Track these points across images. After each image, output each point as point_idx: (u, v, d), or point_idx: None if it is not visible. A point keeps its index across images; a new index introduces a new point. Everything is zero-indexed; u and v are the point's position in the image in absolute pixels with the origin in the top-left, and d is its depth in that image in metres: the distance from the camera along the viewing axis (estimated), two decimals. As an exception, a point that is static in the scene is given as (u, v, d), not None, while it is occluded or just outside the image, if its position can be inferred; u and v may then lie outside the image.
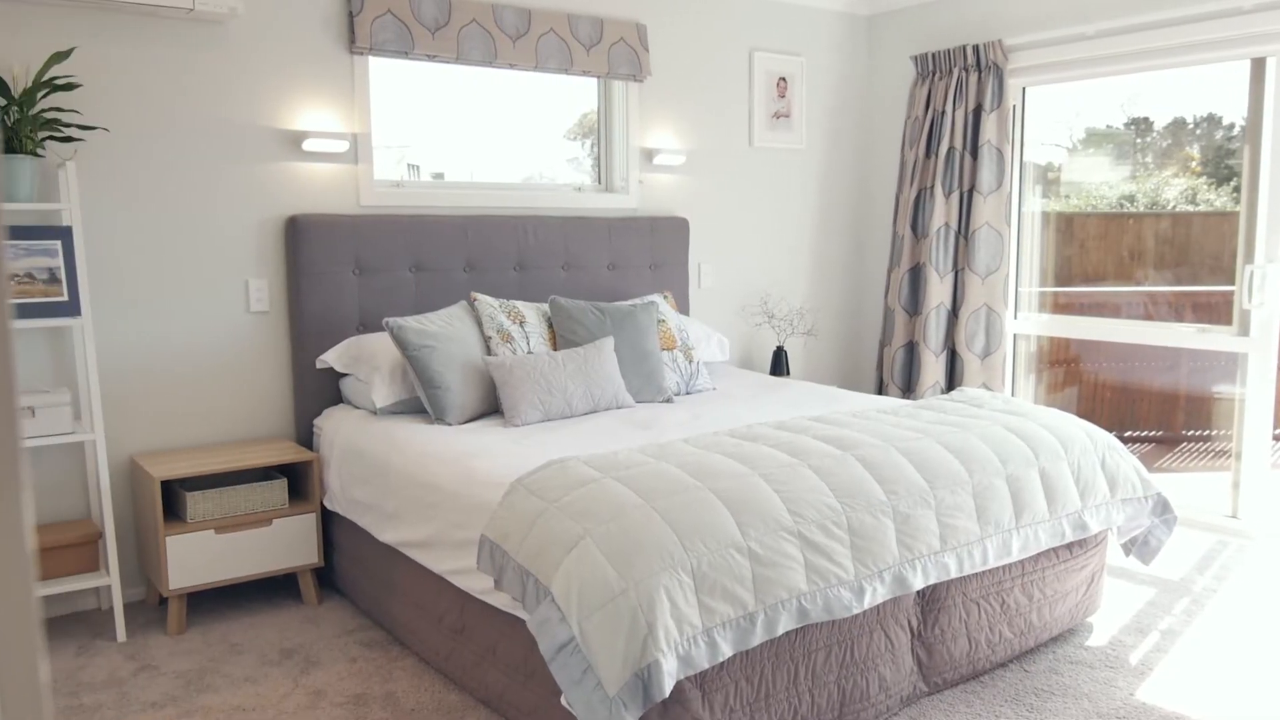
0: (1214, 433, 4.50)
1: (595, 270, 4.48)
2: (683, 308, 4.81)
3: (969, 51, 4.84)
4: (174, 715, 2.74)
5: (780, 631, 2.30)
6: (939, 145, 4.97)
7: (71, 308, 3.14)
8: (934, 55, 5.00)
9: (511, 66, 4.20)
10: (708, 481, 2.43)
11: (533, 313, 3.87)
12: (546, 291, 4.33)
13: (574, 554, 2.20)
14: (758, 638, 2.26)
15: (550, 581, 2.21)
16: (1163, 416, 4.76)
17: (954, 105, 4.91)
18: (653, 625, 2.07)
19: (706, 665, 2.17)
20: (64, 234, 3.13)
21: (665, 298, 4.47)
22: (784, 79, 5.19)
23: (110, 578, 3.24)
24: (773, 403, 3.77)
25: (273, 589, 3.72)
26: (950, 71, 4.94)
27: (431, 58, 4.00)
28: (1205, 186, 4.50)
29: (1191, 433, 4.63)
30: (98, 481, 3.35)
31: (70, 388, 3.41)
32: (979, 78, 4.85)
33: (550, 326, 3.88)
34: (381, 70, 4.02)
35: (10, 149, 3.07)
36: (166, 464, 3.37)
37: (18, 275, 3.07)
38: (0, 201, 2.81)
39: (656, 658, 2.05)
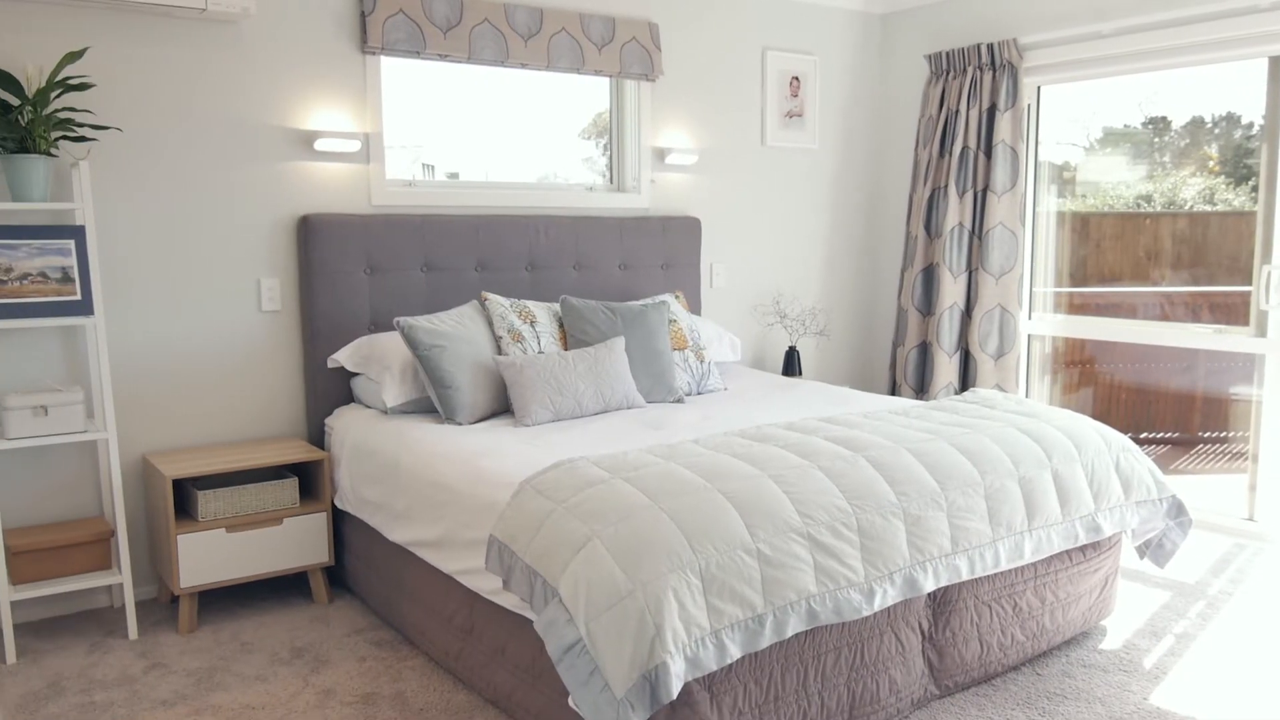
0: (1231, 434, 4.46)
1: (607, 270, 4.48)
2: (695, 308, 4.80)
3: (983, 50, 4.81)
4: (185, 713, 2.75)
5: (789, 634, 2.29)
6: (953, 144, 4.95)
7: (84, 307, 3.15)
8: (948, 54, 4.98)
9: (523, 66, 4.20)
10: (717, 483, 2.42)
11: (544, 312, 3.87)
12: (558, 291, 4.33)
13: (582, 555, 2.20)
14: (766, 640, 2.25)
15: (558, 582, 2.21)
16: (1179, 418, 4.71)
17: (968, 104, 4.88)
18: (660, 627, 2.06)
19: (715, 667, 2.16)
20: (77, 233, 3.14)
21: (677, 297, 4.46)
22: (797, 78, 5.17)
23: (122, 576, 3.25)
24: (784, 403, 3.75)
25: (283, 588, 3.73)
26: (964, 70, 4.91)
27: (443, 57, 4.00)
28: (1223, 186, 4.46)
29: (1208, 434, 4.59)
30: (110, 480, 3.36)
31: (83, 386, 3.42)
32: (993, 76, 4.82)
33: (561, 326, 3.87)
34: (397, 70, 4.02)
35: (24, 148, 3.08)
36: (178, 463, 3.38)
37: (31, 274, 3.08)
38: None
39: (664, 659, 2.04)
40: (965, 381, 5.06)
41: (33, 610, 3.44)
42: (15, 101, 3.15)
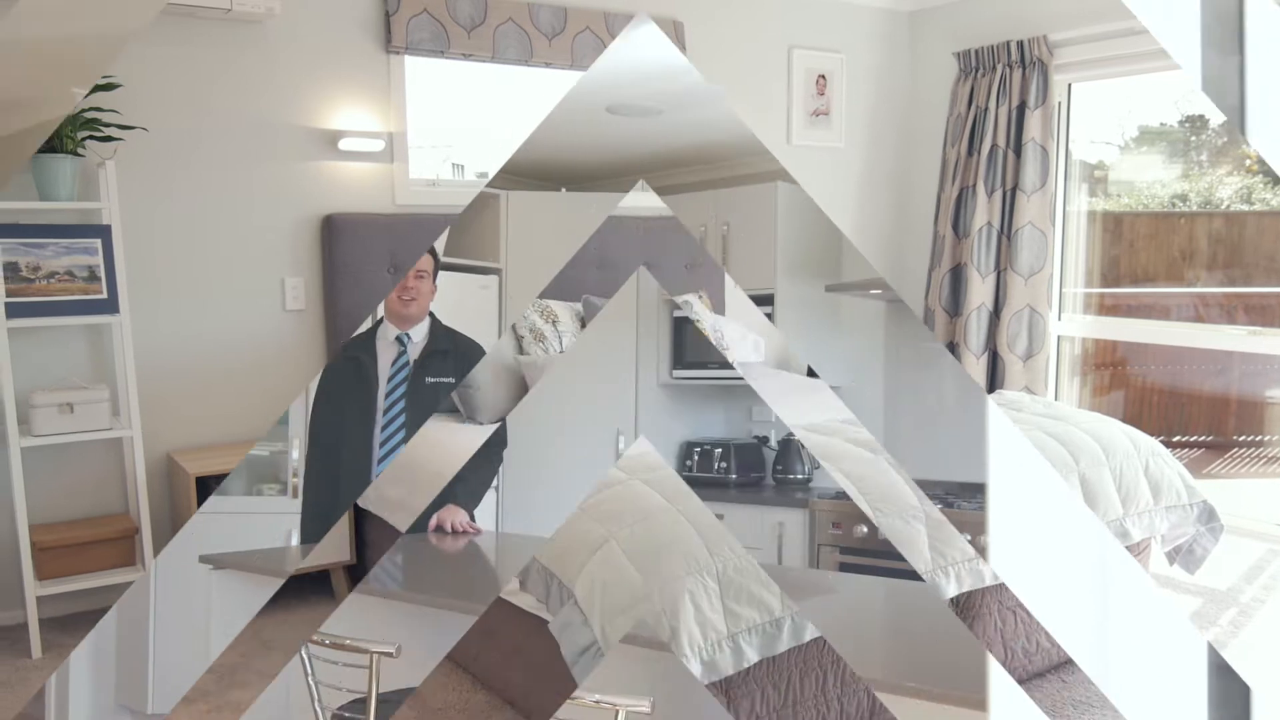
0: (1266, 438, 4.38)
1: (630, 269, 4.45)
2: (718, 308, 4.76)
3: (1013, 48, 4.75)
4: (205, 710, 2.76)
5: (808, 638, 2.26)
6: (981, 143, 4.88)
7: (110, 305, 3.18)
8: (976, 51, 4.91)
9: (548, 65, 4.19)
10: (735, 484, 2.39)
11: (566, 312, 3.86)
12: (580, 291, 4.31)
13: (598, 556, 2.18)
14: (785, 644, 2.22)
15: (574, 583, 2.19)
16: (1213, 421, 4.63)
17: (997, 102, 4.82)
18: (676, 630, 2.04)
19: (731, 671, 2.13)
20: (103, 232, 3.17)
21: (700, 297, 4.43)
22: (823, 76, 5.13)
23: (146, 572, 3.28)
24: (807, 405, 3.71)
25: (305, 586, 3.74)
26: (993, 68, 4.85)
27: (467, 57, 4.00)
28: (1261, 185, 4.37)
29: (1242, 438, 4.50)
30: (134, 477, 3.38)
31: (108, 384, 3.45)
32: (1023, 74, 4.76)
33: (583, 325, 3.86)
34: (429, 69, 4.02)
35: (51, 148, 3.11)
36: (202, 460, 3.40)
37: (58, 273, 3.12)
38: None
39: (680, 663, 2.02)
40: (993, 383, 4.99)
41: (58, 606, 3.47)
42: (43, 102, 3.18)
